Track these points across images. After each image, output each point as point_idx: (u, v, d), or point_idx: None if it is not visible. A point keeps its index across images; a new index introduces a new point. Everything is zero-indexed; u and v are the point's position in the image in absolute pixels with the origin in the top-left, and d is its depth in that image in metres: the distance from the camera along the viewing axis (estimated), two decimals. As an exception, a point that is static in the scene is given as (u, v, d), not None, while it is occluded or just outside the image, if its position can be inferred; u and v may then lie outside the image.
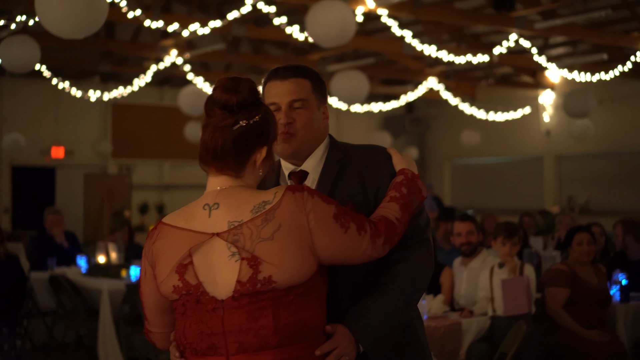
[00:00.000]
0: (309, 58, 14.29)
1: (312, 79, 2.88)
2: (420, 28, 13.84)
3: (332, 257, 2.49)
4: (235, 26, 10.90)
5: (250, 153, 2.53)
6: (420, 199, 2.70)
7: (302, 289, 2.43)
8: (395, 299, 2.64)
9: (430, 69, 15.13)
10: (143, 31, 13.72)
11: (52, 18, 4.95)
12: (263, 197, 2.47)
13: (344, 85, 10.37)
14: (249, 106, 2.51)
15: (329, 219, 2.45)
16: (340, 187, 2.79)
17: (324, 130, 2.90)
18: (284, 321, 2.40)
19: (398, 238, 2.61)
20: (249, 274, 2.39)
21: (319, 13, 7.48)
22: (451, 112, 17.27)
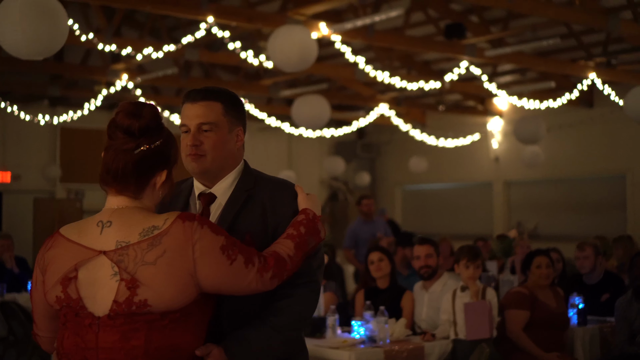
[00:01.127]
0: (261, 83, 14.29)
1: (224, 102, 2.89)
2: (372, 54, 13.94)
3: (214, 287, 2.55)
4: (188, 50, 10.87)
5: (150, 176, 2.61)
6: (317, 240, 2.80)
7: (179, 315, 2.49)
8: (273, 334, 2.72)
9: (381, 95, 15.24)
10: (93, 55, 13.58)
11: (11, 39, 4.84)
12: (154, 222, 2.53)
13: (304, 110, 10.36)
14: (150, 131, 2.59)
15: (215, 250, 2.51)
16: (243, 217, 2.85)
17: (237, 154, 2.94)
18: (156, 344, 2.45)
19: (288, 274, 2.67)
20: (126, 295, 2.44)
21: (280, 38, 7.47)
22: (402, 138, 17.38)
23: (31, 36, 4.76)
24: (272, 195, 2.88)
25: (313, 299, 2.84)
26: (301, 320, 2.81)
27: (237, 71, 15.02)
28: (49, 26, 4.81)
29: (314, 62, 7.82)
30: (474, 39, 11.49)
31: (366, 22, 9.93)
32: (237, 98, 2.98)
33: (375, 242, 9.34)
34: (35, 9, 4.78)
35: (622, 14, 11.17)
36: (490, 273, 7.88)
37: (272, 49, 7.54)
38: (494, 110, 16.86)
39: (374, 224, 11.10)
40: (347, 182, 19.10)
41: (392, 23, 12.78)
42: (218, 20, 9.25)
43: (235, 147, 2.91)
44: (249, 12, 9.93)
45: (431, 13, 12.39)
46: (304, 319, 2.82)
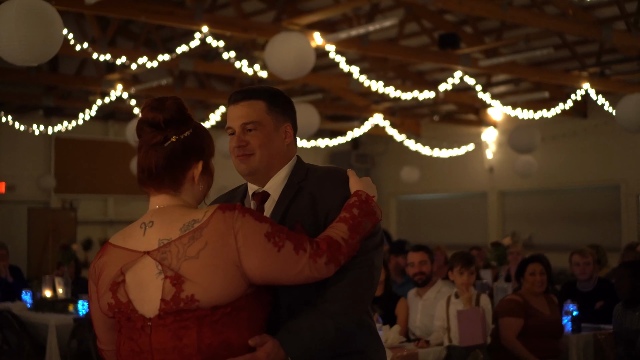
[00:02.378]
0: (256, 93, 14.27)
1: (268, 99, 2.84)
2: (367, 65, 13.99)
3: (263, 276, 2.46)
4: (182, 60, 10.89)
5: (184, 169, 2.56)
6: (374, 221, 2.67)
7: (230, 309, 2.42)
8: (326, 320, 2.59)
9: (376, 106, 15.27)
10: (88, 65, 13.59)
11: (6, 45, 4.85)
12: (194, 216, 2.48)
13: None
14: (176, 122, 2.55)
15: (259, 238, 2.44)
16: (294, 208, 2.77)
17: (286, 151, 2.87)
18: (208, 341, 2.39)
19: (344, 258, 2.56)
20: (172, 292, 2.39)
21: (277, 45, 7.48)
22: (396, 149, 17.42)
23: (26, 42, 4.76)
24: (321, 183, 2.80)
25: (367, 281, 2.68)
26: (355, 304, 2.64)
27: (232, 82, 15.05)
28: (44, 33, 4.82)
29: (311, 69, 7.82)
30: (468, 49, 11.54)
31: (360, 32, 9.97)
32: (282, 95, 2.92)
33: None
34: (31, 15, 4.79)
35: (616, 25, 11.24)
36: (484, 281, 7.88)
37: (269, 56, 7.55)
38: (488, 120, 16.91)
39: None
40: (342, 192, 19.08)
41: (386, 34, 12.83)
42: (213, 30, 9.28)
43: (283, 144, 2.84)
44: (243, 23, 9.96)
45: (425, 24, 12.44)
46: (357, 302, 2.66)
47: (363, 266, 2.68)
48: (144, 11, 8.79)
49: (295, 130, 2.95)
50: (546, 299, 6.47)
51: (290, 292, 2.64)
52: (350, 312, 2.64)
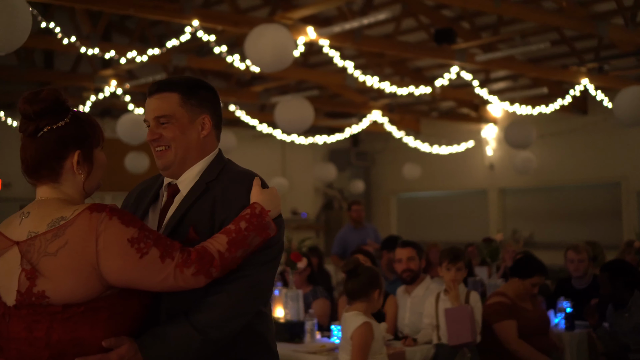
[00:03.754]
0: (252, 90, 14.20)
1: (182, 91, 2.80)
2: (363, 61, 13.85)
3: (122, 281, 2.44)
4: (175, 56, 10.77)
5: (60, 159, 2.55)
6: (263, 237, 2.63)
7: (84, 308, 2.40)
8: (192, 332, 2.54)
9: (374, 102, 15.13)
10: (83, 62, 13.48)
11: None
12: (64, 212, 2.47)
13: (287, 113, 10.20)
14: (50, 113, 2.54)
15: (121, 243, 2.41)
16: (196, 208, 2.72)
17: (202, 143, 2.83)
18: (57, 337, 2.39)
19: (217, 271, 2.52)
20: (26, 286, 2.40)
21: (256, 37, 7.35)
22: (396, 146, 17.28)
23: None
24: (226, 187, 2.74)
25: (247, 296, 2.64)
26: (230, 318, 2.60)
27: (228, 78, 14.92)
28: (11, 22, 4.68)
29: (291, 61, 7.67)
30: (465, 44, 11.39)
31: (354, 26, 9.83)
32: (200, 85, 2.86)
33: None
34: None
35: (613, 20, 11.08)
36: (478, 278, 7.74)
37: (248, 48, 7.41)
38: (488, 117, 16.76)
39: (363, 231, 10.97)
40: (342, 190, 18.97)
41: (382, 30, 12.70)
42: (204, 24, 9.16)
43: (199, 136, 2.81)
44: (234, 17, 9.83)
45: (422, 19, 12.29)
46: (232, 317, 2.61)
47: (244, 281, 2.63)
48: (132, 4, 8.68)
49: (217, 121, 2.87)
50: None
51: (171, 298, 2.59)
52: (222, 326, 2.58)
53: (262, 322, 2.77)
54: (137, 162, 13.56)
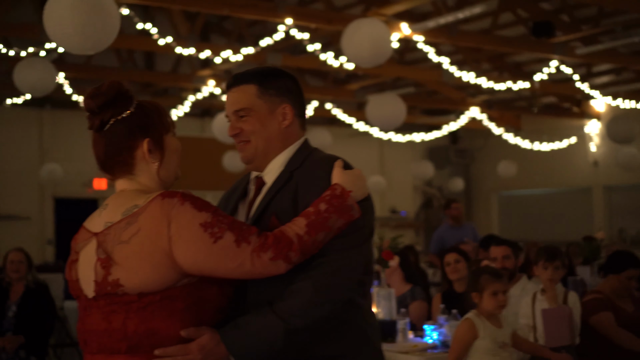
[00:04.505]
0: (348, 88, 14.18)
1: (259, 82, 2.73)
2: (460, 57, 13.64)
3: (197, 268, 2.37)
4: (270, 55, 10.82)
5: (131, 149, 2.52)
6: (346, 218, 2.50)
7: (160, 297, 2.35)
8: (275, 320, 2.43)
9: (472, 99, 14.90)
10: (183, 63, 13.74)
11: (62, 33, 4.84)
12: (137, 200, 2.44)
13: (379, 110, 10.09)
14: (113, 105, 2.50)
15: (194, 228, 2.35)
16: (279, 197, 2.64)
17: (285, 133, 2.75)
18: (134, 328, 2.36)
19: (296, 256, 2.41)
20: (102, 275, 2.38)
21: (353, 32, 7.27)
22: (497, 143, 16.99)
23: (82, 30, 4.75)
24: (308, 173, 2.65)
25: (329, 282, 2.48)
26: (314, 306, 2.45)
27: (325, 76, 14.94)
28: (100, 21, 4.78)
29: (388, 56, 7.52)
30: (564, 37, 11.07)
31: (449, 21, 9.66)
32: (278, 74, 2.78)
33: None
34: (87, 3, 4.77)
35: None
36: (579, 277, 7.48)
37: (344, 44, 7.33)
38: (591, 112, 16.28)
39: (462, 229, 10.77)
40: (441, 188, 18.75)
41: (479, 24, 12.47)
42: (297, 23, 9.18)
43: (280, 127, 2.73)
44: (328, 14, 9.82)
45: (520, 13, 12.00)
46: (317, 305, 2.46)
47: (328, 266, 2.50)
48: (227, 4, 8.76)
49: (300, 109, 2.79)
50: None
51: (257, 288, 2.52)
52: (304, 314, 2.46)
53: (358, 315, 2.62)
54: (234, 161, 13.70)
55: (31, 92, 8.53)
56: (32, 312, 7.12)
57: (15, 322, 7.10)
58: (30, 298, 7.17)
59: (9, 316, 7.17)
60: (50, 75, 8.10)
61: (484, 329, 4.85)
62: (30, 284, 7.23)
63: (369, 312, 2.73)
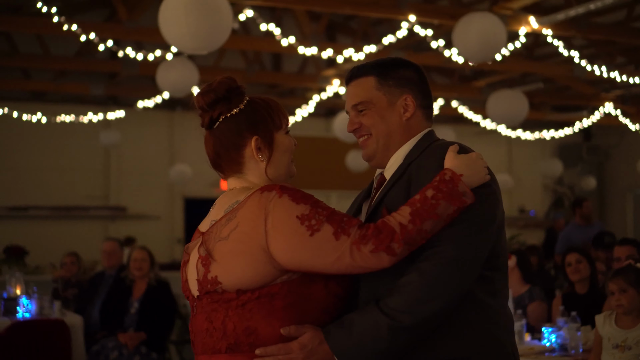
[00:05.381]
0: (474, 85, 13.92)
1: (377, 73, 2.59)
2: (593, 51, 13.17)
3: (294, 263, 2.26)
4: (393, 52, 10.72)
5: (240, 147, 2.46)
6: (457, 204, 2.30)
7: (258, 295, 2.26)
8: (380, 317, 2.26)
9: (606, 94, 14.35)
10: (309, 64, 13.82)
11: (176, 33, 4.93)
12: (239, 197, 2.38)
13: (499, 106, 9.83)
14: (223, 101, 2.45)
15: (291, 221, 2.25)
16: (392, 192, 2.48)
17: (407, 125, 2.59)
18: (233, 326, 2.29)
19: (400, 247, 2.24)
20: (202, 273, 2.34)
21: (463, 26, 7.12)
22: (633, 140, 16.31)
23: (195, 31, 4.82)
24: (421, 162, 2.48)
25: (444, 276, 2.29)
26: (423, 302, 2.26)
27: (450, 74, 14.72)
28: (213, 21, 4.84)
29: (499, 51, 7.32)
30: None
31: (580, 12, 9.30)
32: (398, 63, 2.63)
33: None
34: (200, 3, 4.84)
35: None
36: None
37: (455, 38, 7.18)
38: None
39: (591, 228, 10.38)
40: (573, 186, 18.16)
41: (613, 17, 11.99)
42: (420, 19, 9.06)
43: (402, 119, 2.58)
44: (451, 10, 9.66)
45: (657, 3, 11.48)
46: (426, 300, 2.27)
47: (438, 257, 2.30)
48: (348, 2, 8.75)
49: (423, 100, 2.63)
50: None
51: (369, 285, 2.37)
52: (413, 310, 2.26)
53: (484, 315, 2.40)
54: (358, 161, 13.66)
55: (172, 92, 8.73)
56: (153, 309, 7.30)
57: (137, 318, 7.30)
58: (152, 295, 7.36)
59: (131, 313, 7.38)
60: (191, 74, 8.27)
61: (603, 328, 4.71)
62: (152, 281, 7.42)
63: (501, 313, 2.48)
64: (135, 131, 14.53)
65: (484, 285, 2.42)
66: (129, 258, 7.60)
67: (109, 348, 7.12)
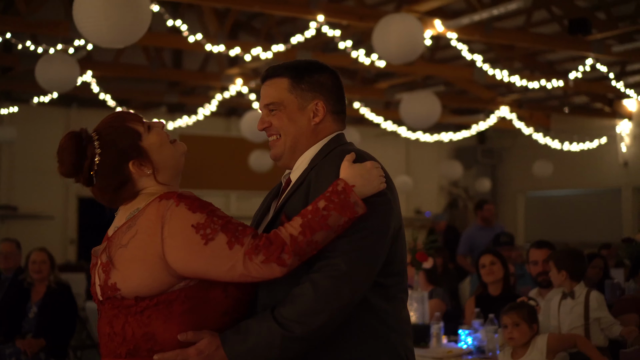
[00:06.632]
0: (377, 86, 14.02)
1: (292, 76, 2.61)
2: (492, 55, 13.45)
3: (189, 271, 2.29)
4: (300, 52, 10.68)
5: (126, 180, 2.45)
6: (348, 215, 2.33)
7: (156, 302, 2.28)
8: (274, 326, 2.31)
9: (502, 98, 14.70)
10: (211, 62, 13.63)
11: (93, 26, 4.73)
12: (140, 203, 2.40)
13: (413, 108, 9.91)
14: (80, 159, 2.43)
15: (186, 229, 2.26)
16: (293, 198, 2.50)
17: (314, 131, 2.61)
18: (132, 332, 2.30)
19: (289, 258, 2.27)
20: (104, 279, 2.35)
21: (383, 27, 7.13)
22: (525, 143, 16.77)
23: (113, 24, 4.64)
24: (320, 169, 2.50)
25: (332, 288, 2.31)
26: (314, 313, 2.30)
27: (354, 75, 14.79)
28: (131, 14, 4.67)
29: (420, 52, 7.38)
30: (600, 35, 10.85)
31: (483, 17, 9.48)
32: (314, 67, 2.64)
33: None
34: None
35: None
36: (615, 281, 7.30)
37: (375, 40, 7.19)
38: (623, 112, 16.01)
39: (492, 230, 10.60)
40: (467, 188, 18.55)
41: (512, 22, 12.28)
42: (329, 19, 9.04)
43: (310, 124, 2.60)
44: (360, 11, 9.67)
45: (555, 10, 11.79)
46: (317, 311, 2.30)
47: (330, 270, 2.33)
48: (258, 1, 8.65)
49: (335, 105, 2.65)
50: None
51: (267, 292, 2.40)
52: (305, 321, 2.31)
53: (378, 319, 2.46)
54: (261, 161, 13.58)
55: (52, 89, 8.42)
56: (53, 313, 7.02)
57: (37, 323, 7.00)
58: (52, 299, 7.07)
59: (29, 317, 7.08)
60: (72, 71, 7.98)
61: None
62: (52, 284, 7.13)
63: (396, 316, 2.54)
64: (30, 128, 14.03)
65: (378, 291, 2.47)
66: (27, 260, 7.28)
67: (6, 355, 6.81)
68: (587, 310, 5.27)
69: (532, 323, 4.90)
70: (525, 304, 5.04)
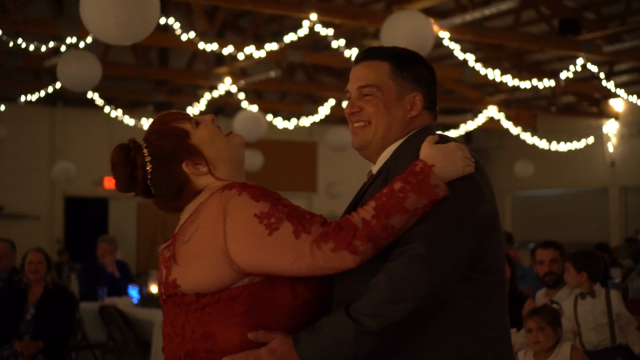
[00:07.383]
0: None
1: (394, 62, 2.36)
2: (482, 55, 13.43)
3: (252, 264, 2.10)
4: (290, 52, 10.61)
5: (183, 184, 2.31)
6: (428, 198, 2.09)
7: (217, 298, 2.12)
8: (346, 321, 2.08)
9: (490, 98, 14.69)
10: (197, 60, 13.52)
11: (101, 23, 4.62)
12: (202, 197, 2.24)
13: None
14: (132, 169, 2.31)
15: (249, 219, 2.08)
16: (372, 188, 2.28)
17: (408, 124, 2.36)
18: (191, 331, 2.15)
19: (362, 244, 2.05)
20: (165, 275, 2.22)
21: (390, 25, 7.02)
22: (512, 143, 16.79)
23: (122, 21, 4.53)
24: (399, 153, 2.30)
25: (409, 275, 2.07)
26: (389, 303, 2.07)
27: (342, 75, 14.73)
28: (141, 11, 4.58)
29: (429, 48, 7.20)
30: (590, 35, 10.86)
31: (475, 17, 9.45)
32: (416, 58, 2.41)
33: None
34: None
35: None
36: (616, 280, 7.26)
37: (384, 37, 7.03)
38: (610, 112, 16.07)
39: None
40: (454, 188, 18.53)
41: (502, 22, 12.27)
42: (321, 18, 8.97)
43: (406, 116, 2.36)
44: (353, 10, 9.61)
45: (543, 11, 11.79)
46: (393, 302, 2.07)
47: (407, 256, 2.09)
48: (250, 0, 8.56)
49: (430, 102, 2.42)
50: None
51: (342, 289, 2.21)
52: (379, 313, 2.07)
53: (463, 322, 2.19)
54: (251, 160, 13.47)
55: (75, 87, 8.20)
56: (51, 314, 6.90)
57: (34, 324, 6.87)
58: (49, 300, 6.95)
59: (26, 319, 6.95)
60: (95, 68, 7.80)
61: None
62: (49, 285, 7.01)
63: (488, 321, 2.26)
64: (15, 126, 13.85)
65: (466, 289, 2.20)
66: (23, 260, 7.15)
67: (3, 357, 6.68)
68: (610, 307, 5.26)
69: (556, 327, 4.80)
70: (549, 308, 4.97)
